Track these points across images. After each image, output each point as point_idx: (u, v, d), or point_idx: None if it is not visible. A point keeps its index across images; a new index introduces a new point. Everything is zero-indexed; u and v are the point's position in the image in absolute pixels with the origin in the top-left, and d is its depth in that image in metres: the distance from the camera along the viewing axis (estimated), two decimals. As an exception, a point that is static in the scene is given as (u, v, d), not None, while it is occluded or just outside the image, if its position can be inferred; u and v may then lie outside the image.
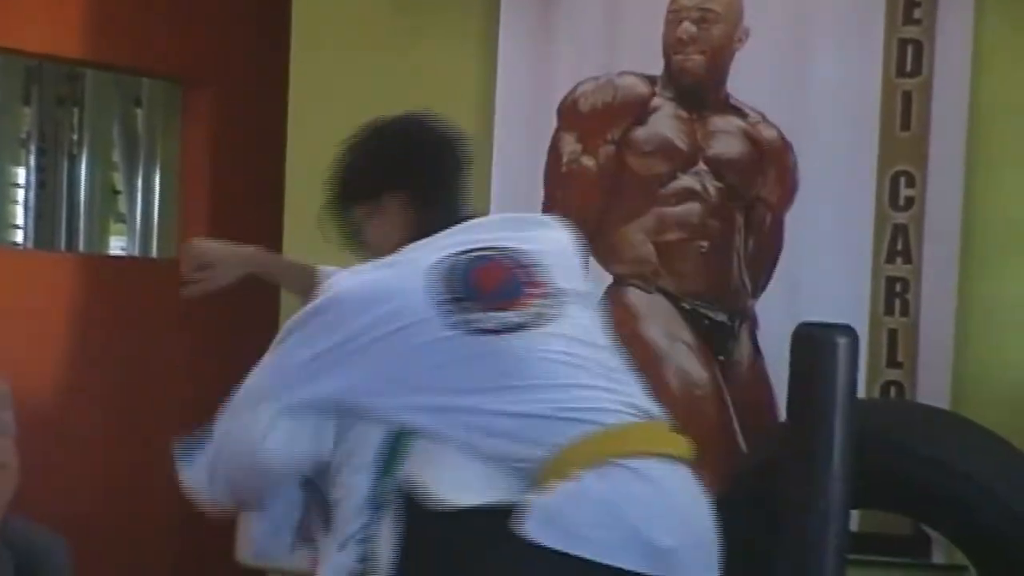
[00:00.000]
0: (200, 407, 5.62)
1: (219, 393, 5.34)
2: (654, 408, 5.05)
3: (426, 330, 4.88)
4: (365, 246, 5.43)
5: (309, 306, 5.15)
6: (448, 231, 5.19)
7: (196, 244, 5.87)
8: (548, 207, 9.71)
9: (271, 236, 8.91)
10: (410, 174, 5.39)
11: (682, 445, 5.03)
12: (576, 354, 4.97)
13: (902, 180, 9.40)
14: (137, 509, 10.98)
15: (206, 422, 5.38)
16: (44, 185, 12.67)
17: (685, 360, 9.70)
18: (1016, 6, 9.30)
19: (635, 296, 9.79)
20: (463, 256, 5.02)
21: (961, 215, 9.33)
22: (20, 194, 12.37)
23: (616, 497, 4.77)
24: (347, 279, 5.20)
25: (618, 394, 4.96)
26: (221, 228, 8.92)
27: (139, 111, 12.70)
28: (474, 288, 4.96)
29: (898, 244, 9.41)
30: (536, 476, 4.79)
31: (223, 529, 5.58)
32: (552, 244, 5.24)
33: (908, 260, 9.40)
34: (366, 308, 4.99)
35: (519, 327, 4.92)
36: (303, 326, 5.11)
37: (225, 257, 5.88)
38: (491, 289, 4.98)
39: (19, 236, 12.19)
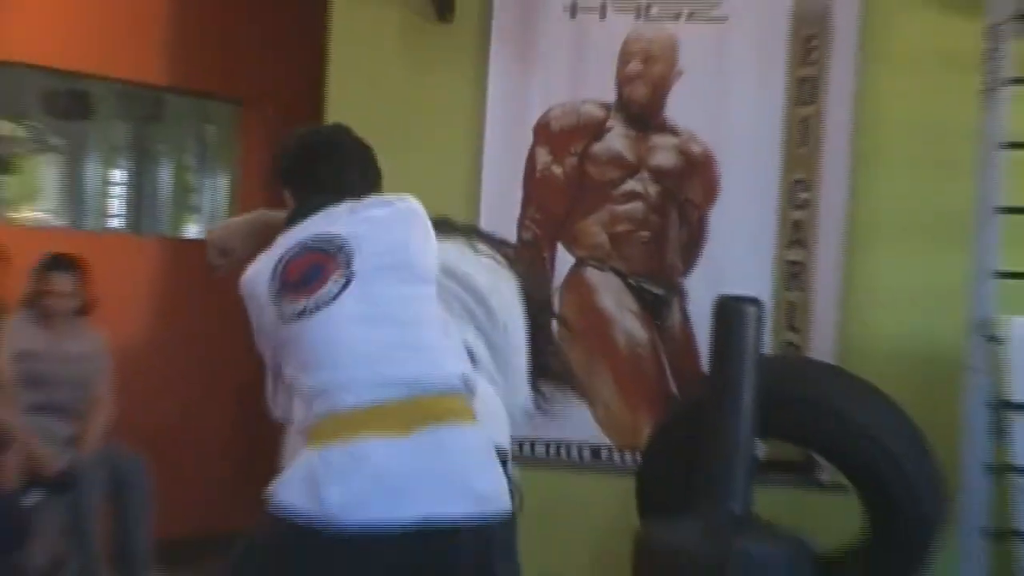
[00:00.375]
0: (253, 353, 5.28)
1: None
2: (424, 380, 4.70)
3: (269, 318, 4.83)
4: None
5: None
6: (304, 223, 5.04)
7: (211, 233, 5.67)
8: (525, 204, 9.65)
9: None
10: (289, 173, 5.31)
11: (426, 415, 4.64)
12: (352, 334, 4.75)
13: (799, 185, 9.33)
14: (202, 435, 11.04)
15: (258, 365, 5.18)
16: (135, 184, 12.47)
17: (630, 324, 9.58)
18: (888, 49, 9.18)
19: (592, 274, 9.64)
20: (292, 249, 4.91)
21: (845, 213, 9.26)
22: (117, 191, 12.36)
23: (317, 473, 4.55)
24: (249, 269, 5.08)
25: (380, 374, 4.71)
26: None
27: (209, 126, 12.51)
28: (285, 280, 4.83)
29: (795, 235, 9.34)
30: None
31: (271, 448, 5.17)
32: (371, 224, 4.96)
33: (803, 247, 9.32)
34: (250, 298, 4.93)
35: (306, 312, 4.73)
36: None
37: (237, 229, 5.61)
38: (295, 279, 4.83)
39: (116, 223, 12.23)
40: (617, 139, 9.52)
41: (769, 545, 8.15)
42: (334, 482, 4.51)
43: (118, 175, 12.16)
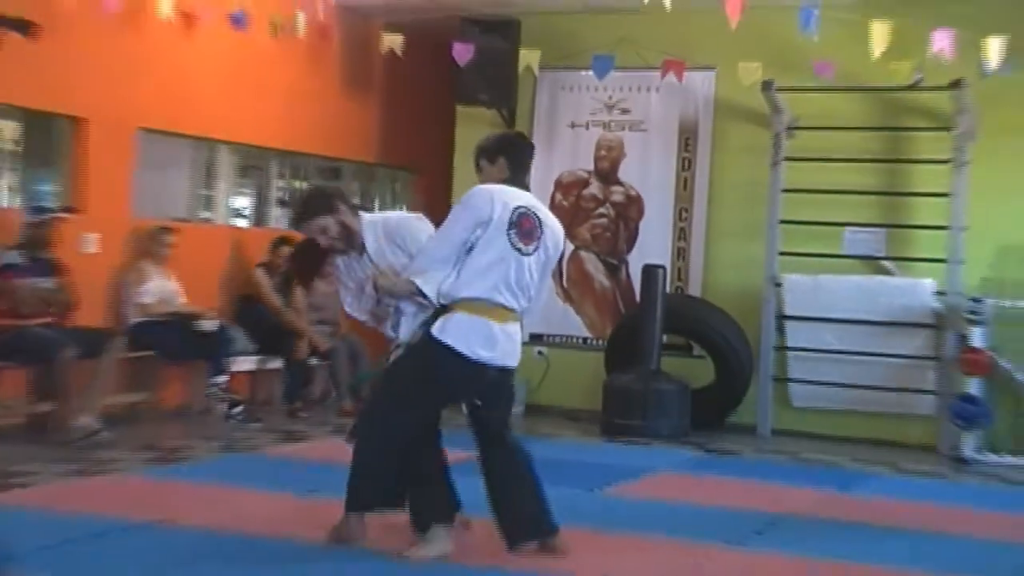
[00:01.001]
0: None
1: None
2: (523, 302, 4.84)
3: (500, 237, 4.72)
4: (482, 178, 5.01)
5: (461, 203, 4.83)
6: (518, 191, 4.88)
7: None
8: None
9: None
10: (513, 148, 5.07)
11: (514, 318, 4.84)
12: (532, 272, 4.81)
13: (683, 211, 9.84)
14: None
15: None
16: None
17: (601, 278, 10.10)
18: (725, 143, 9.68)
19: (583, 255, 10.13)
20: (519, 208, 4.77)
21: (705, 224, 9.76)
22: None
23: (472, 329, 4.73)
24: (479, 187, 4.88)
25: (526, 299, 4.84)
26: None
27: (396, 184, 11.71)
28: (519, 226, 4.74)
29: (681, 235, 9.84)
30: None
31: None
32: (551, 227, 4.92)
33: (685, 240, 9.83)
34: (491, 201, 4.75)
35: (523, 253, 4.77)
36: (460, 210, 4.80)
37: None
38: (524, 228, 4.76)
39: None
40: (594, 188, 10.12)
41: (668, 384, 9.05)
42: (487, 342, 4.76)
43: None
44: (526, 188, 4.98)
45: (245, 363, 9.09)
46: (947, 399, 8.73)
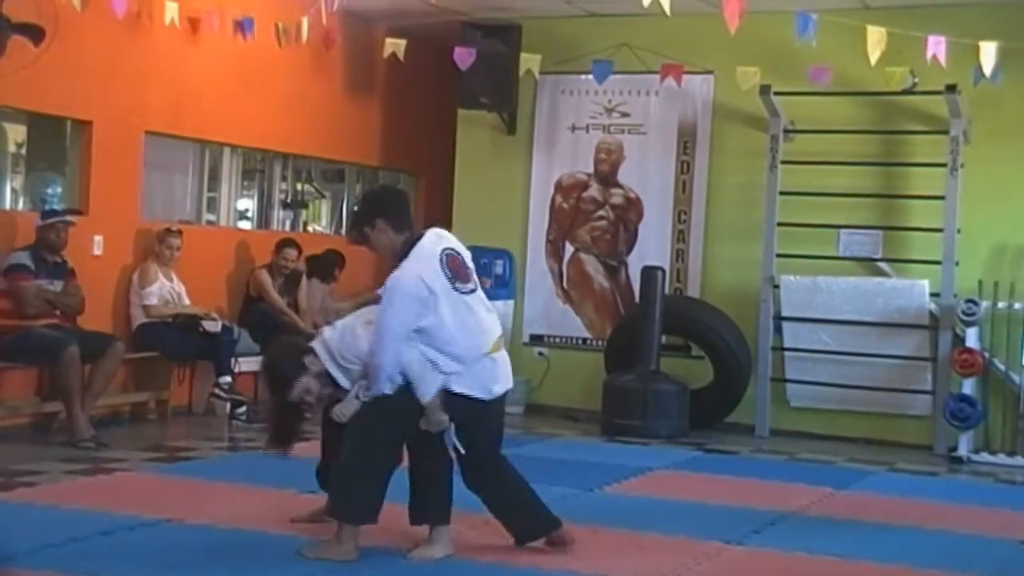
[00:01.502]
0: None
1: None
2: (497, 328, 4.95)
3: (448, 294, 4.76)
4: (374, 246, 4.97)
5: (397, 284, 4.72)
6: (429, 241, 4.84)
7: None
8: (550, 222, 10.07)
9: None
10: (384, 210, 4.96)
11: (500, 346, 4.94)
12: (485, 306, 4.93)
13: (682, 213, 9.81)
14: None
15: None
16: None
17: (601, 279, 10.06)
18: (723, 146, 9.66)
19: (583, 256, 10.11)
20: (444, 251, 4.80)
21: (703, 226, 9.75)
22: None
23: (483, 371, 4.82)
24: (404, 273, 4.76)
25: (490, 331, 4.89)
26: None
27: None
28: (451, 270, 4.79)
29: (680, 237, 9.83)
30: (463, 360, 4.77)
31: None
32: (465, 253, 4.96)
33: (684, 242, 9.81)
34: (427, 281, 4.71)
35: (470, 291, 4.86)
36: (402, 295, 4.72)
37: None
38: (455, 269, 4.81)
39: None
40: (594, 191, 10.09)
41: (667, 385, 9.05)
42: (496, 377, 4.87)
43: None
44: (413, 229, 4.96)
45: (249, 364, 9.01)
46: (942, 399, 8.74)
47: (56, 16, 7.46)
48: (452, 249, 4.88)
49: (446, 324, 4.76)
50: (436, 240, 4.88)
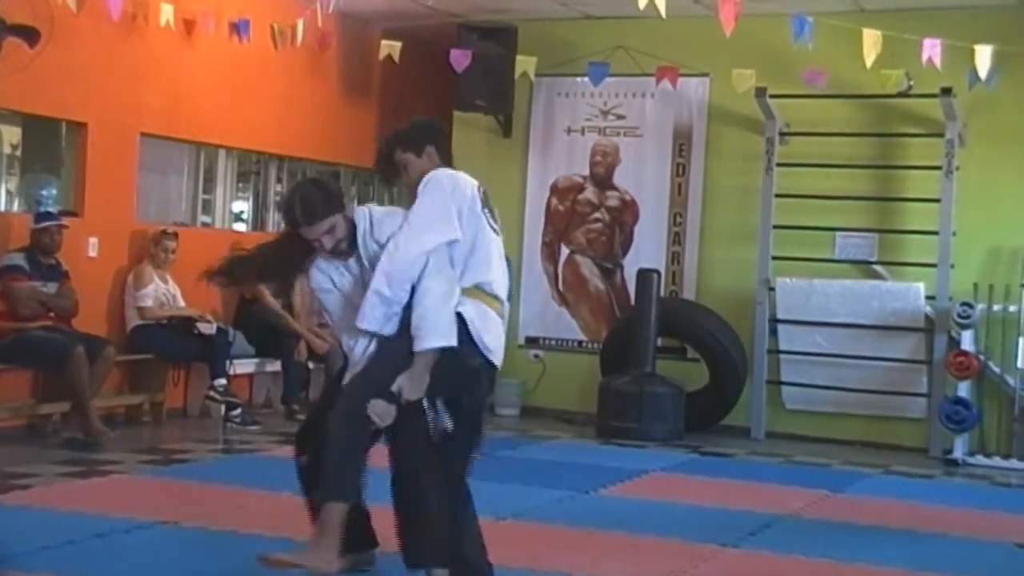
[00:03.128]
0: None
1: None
2: (505, 295, 4.39)
3: (476, 217, 4.19)
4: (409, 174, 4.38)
5: (428, 188, 4.21)
6: (466, 176, 4.33)
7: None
8: (545, 225, 10.10)
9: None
10: (439, 140, 4.48)
11: (503, 311, 4.36)
12: (502, 255, 4.35)
13: (678, 215, 9.85)
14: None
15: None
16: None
17: (596, 282, 10.08)
18: (719, 148, 9.69)
19: (579, 258, 10.12)
20: (480, 187, 4.31)
21: (699, 228, 9.77)
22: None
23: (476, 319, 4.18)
24: (444, 173, 4.29)
25: (501, 282, 4.34)
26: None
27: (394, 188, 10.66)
28: (486, 203, 4.29)
29: (675, 239, 9.84)
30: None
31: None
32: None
33: (680, 245, 9.84)
34: (464, 193, 4.23)
35: (495, 231, 4.27)
36: (430, 201, 4.18)
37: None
38: (491, 209, 4.32)
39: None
40: (590, 193, 10.11)
41: (663, 387, 9.04)
42: (496, 337, 4.26)
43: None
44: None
45: (244, 366, 9.10)
46: (937, 402, 8.76)
47: (51, 17, 7.50)
48: (485, 191, 4.38)
49: (476, 251, 4.22)
50: (473, 180, 4.36)
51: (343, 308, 4.33)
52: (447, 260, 4.18)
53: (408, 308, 4.13)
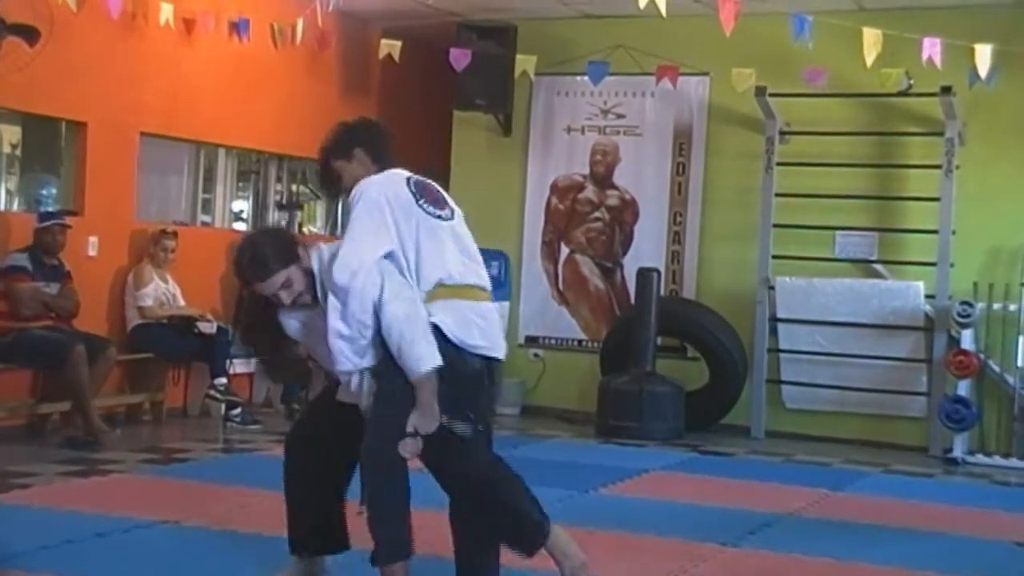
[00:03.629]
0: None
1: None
2: (482, 280, 4.10)
3: (414, 210, 3.96)
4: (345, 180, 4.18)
5: (356, 204, 3.97)
6: (400, 169, 4.14)
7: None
8: (545, 224, 10.09)
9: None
10: (365, 140, 4.25)
11: (486, 296, 4.09)
12: (462, 239, 4.08)
13: (678, 214, 9.85)
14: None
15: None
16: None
17: (596, 281, 10.08)
18: (719, 147, 9.70)
19: (579, 258, 10.11)
20: (410, 178, 4.03)
21: (699, 228, 9.78)
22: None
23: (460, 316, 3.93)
24: (369, 184, 4.03)
25: (469, 267, 4.06)
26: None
27: None
28: (424, 195, 4.04)
29: (675, 238, 9.85)
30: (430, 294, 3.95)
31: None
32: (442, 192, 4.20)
33: (680, 244, 9.84)
34: (394, 196, 3.98)
35: (443, 218, 4.02)
36: (361, 216, 3.93)
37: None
38: (431, 196, 4.07)
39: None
40: (590, 192, 10.12)
41: (663, 386, 9.03)
42: (479, 330, 4.01)
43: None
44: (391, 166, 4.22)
45: (244, 365, 9.08)
46: (937, 401, 8.76)
47: (51, 17, 7.51)
48: (422, 179, 4.17)
49: (422, 250, 3.98)
50: (406, 172, 4.15)
51: (324, 345, 4.01)
52: (397, 274, 3.94)
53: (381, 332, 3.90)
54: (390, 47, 9.21)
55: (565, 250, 10.13)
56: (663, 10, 7.01)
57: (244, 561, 4.82)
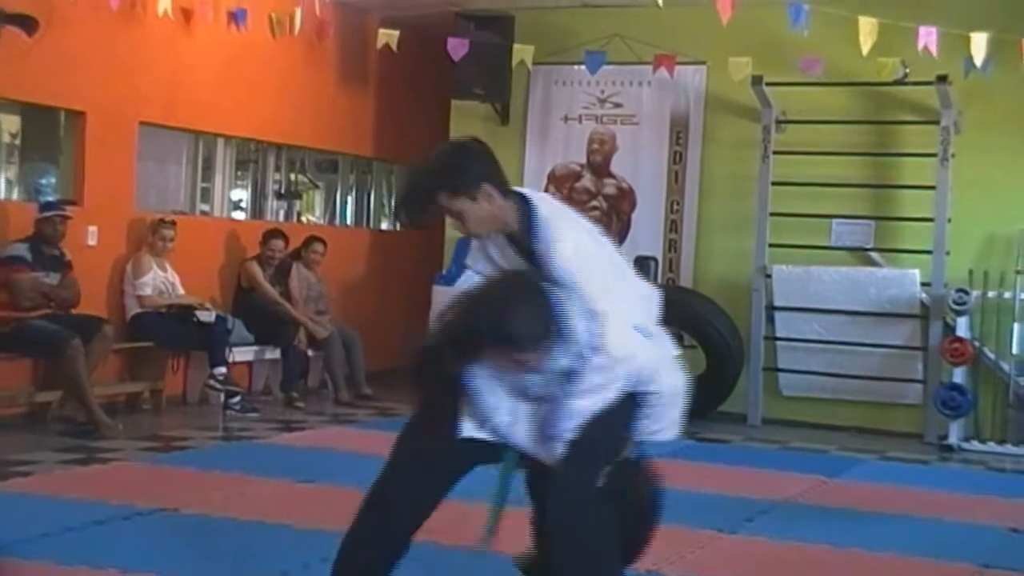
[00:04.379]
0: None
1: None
2: None
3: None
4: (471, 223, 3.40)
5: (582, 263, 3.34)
6: (558, 202, 3.55)
7: None
8: None
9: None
10: (488, 170, 3.45)
11: None
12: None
13: (675, 203, 9.90)
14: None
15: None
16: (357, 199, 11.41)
17: None
18: (715, 136, 9.75)
19: None
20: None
21: (696, 217, 9.81)
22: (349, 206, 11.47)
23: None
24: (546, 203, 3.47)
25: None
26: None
27: (392, 177, 11.43)
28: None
29: (672, 227, 9.92)
30: None
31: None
32: None
33: (677, 233, 9.91)
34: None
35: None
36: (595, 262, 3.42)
37: None
38: None
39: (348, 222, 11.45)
40: (587, 181, 10.17)
41: None
42: None
43: (349, 200, 11.41)
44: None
45: (243, 353, 9.09)
46: (933, 388, 8.78)
47: (50, 6, 7.48)
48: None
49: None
50: (557, 201, 3.58)
51: None
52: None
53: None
54: (388, 36, 9.24)
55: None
56: (660, 0, 7.00)
57: (244, 548, 4.82)
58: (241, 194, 10.64)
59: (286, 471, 6.28)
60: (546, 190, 10.06)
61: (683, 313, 9.23)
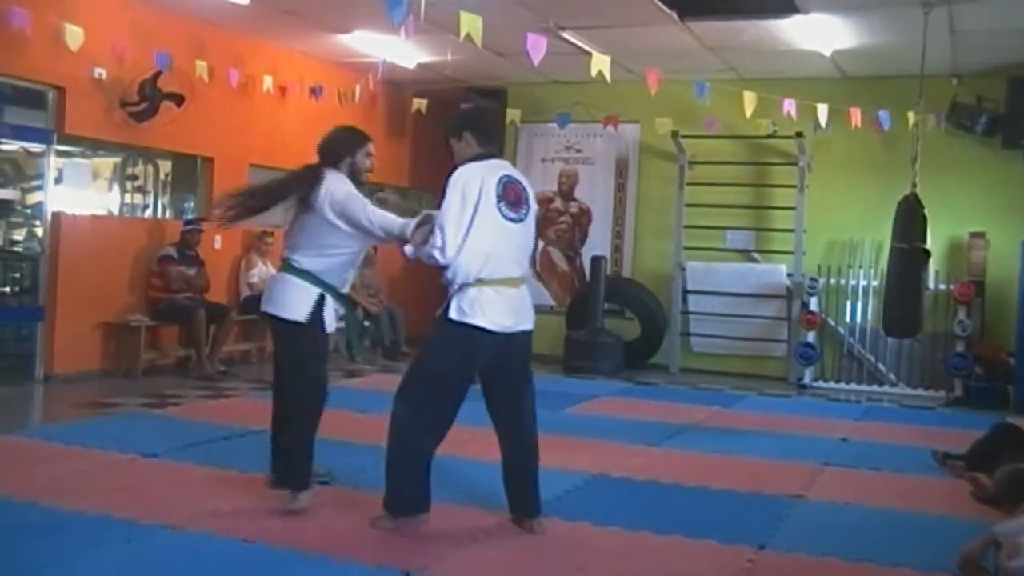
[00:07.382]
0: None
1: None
2: (525, 270, 3.68)
3: (491, 210, 3.51)
4: (455, 157, 3.62)
5: (452, 185, 3.47)
6: (495, 162, 3.61)
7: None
8: None
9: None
10: (474, 124, 3.67)
11: (521, 283, 3.68)
12: (527, 238, 3.69)
13: (619, 218, 9.69)
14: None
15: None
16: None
17: (564, 266, 9.91)
18: (648, 172, 9.48)
19: (551, 249, 9.91)
20: (502, 178, 3.57)
21: (634, 227, 9.61)
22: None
23: (489, 300, 3.55)
24: (470, 172, 3.52)
25: (521, 263, 3.66)
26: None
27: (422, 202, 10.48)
28: (505, 197, 3.56)
29: (617, 235, 9.57)
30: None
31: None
32: (530, 192, 3.76)
33: (620, 239, 9.68)
34: (478, 179, 3.51)
35: (515, 220, 3.60)
36: (454, 201, 3.45)
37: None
38: (511, 198, 3.59)
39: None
40: (558, 203, 9.97)
41: (609, 338, 8.88)
42: (512, 311, 3.65)
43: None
44: (498, 156, 3.70)
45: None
46: (794, 345, 8.75)
47: (191, 86, 7.51)
48: (512, 178, 3.62)
49: (484, 246, 3.46)
50: (501, 165, 3.62)
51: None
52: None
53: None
54: (419, 104, 9.13)
55: (540, 244, 9.95)
56: (608, 78, 7.03)
57: (355, 463, 4.53)
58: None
59: (352, 405, 6.17)
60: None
61: (625, 294, 9.38)
